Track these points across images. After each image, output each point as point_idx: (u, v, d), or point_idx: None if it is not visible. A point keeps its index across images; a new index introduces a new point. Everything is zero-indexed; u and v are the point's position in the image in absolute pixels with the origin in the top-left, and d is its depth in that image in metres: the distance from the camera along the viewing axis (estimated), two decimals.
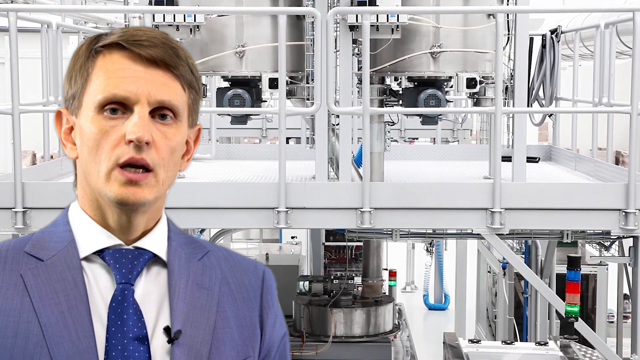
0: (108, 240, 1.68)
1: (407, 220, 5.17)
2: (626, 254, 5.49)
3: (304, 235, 10.51)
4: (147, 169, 1.61)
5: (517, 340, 7.88)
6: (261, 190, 5.08)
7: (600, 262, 9.27)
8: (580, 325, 4.82)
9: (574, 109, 7.01)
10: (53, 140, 6.04)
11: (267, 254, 7.50)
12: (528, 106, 6.13)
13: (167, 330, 1.64)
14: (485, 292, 11.67)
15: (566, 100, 7.18)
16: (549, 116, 7.10)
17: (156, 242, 1.71)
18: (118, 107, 1.63)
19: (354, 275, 7.12)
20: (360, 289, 6.63)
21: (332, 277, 6.57)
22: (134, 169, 1.60)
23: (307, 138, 6.85)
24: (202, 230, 7.01)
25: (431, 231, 6.10)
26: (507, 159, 5.32)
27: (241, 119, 5.88)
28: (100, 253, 1.67)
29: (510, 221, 4.98)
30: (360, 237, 6.14)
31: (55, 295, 1.62)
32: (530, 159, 6.38)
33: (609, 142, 6.24)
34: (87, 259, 1.68)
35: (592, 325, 8.73)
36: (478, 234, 5.13)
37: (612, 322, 9.62)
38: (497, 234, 4.97)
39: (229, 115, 6.24)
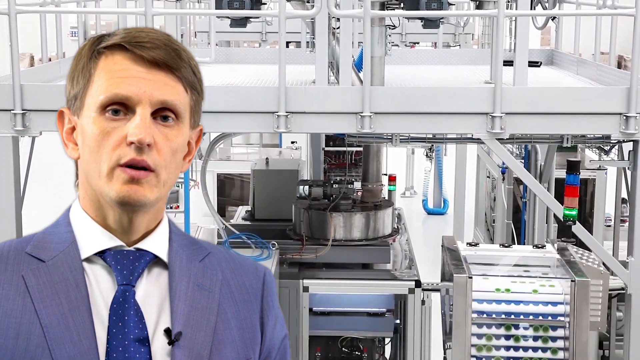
0: (109, 241, 1.68)
1: (407, 125, 5.16)
2: (626, 158, 5.50)
3: (303, 140, 10.51)
4: (148, 170, 1.61)
5: (514, 244, 7.97)
6: (261, 95, 5.05)
7: (600, 166, 9.30)
8: (578, 229, 4.86)
9: (578, 11, 6.92)
10: (51, 42, 5.98)
11: (267, 158, 7.50)
12: (531, 9, 6.04)
13: (167, 332, 1.64)
14: (484, 197, 11.73)
15: (570, 2, 7.08)
16: (552, 19, 7.01)
17: (157, 244, 1.71)
18: (120, 108, 1.62)
19: (353, 180, 7.14)
20: (359, 193, 6.66)
21: (332, 182, 6.59)
22: (135, 168, 1.60)
23: (307, 42, 6.78)
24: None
25: (431, 136, 6.10)
26: (508, 63, 5.28)
27: (240, 22, 5.80)
28: (101, 254, 1.68)
29: (511, 126, 4.97)
30: (360, 142, 6.14)
31: (57, 297, 1.63)
32: (532, 63, 6.33)
33: (611, 45, 6.18)
34: (88, 260, 1.68)
35: (589, 229, 8.80)
36: (478, 139, 5.12)
37: (610, 225, 9.70)
38: (497, 139, 4.97)
39: (228, 17, 6.16)
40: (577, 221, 4.75)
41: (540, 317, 4.05)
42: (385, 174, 7.95)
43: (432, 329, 6.56)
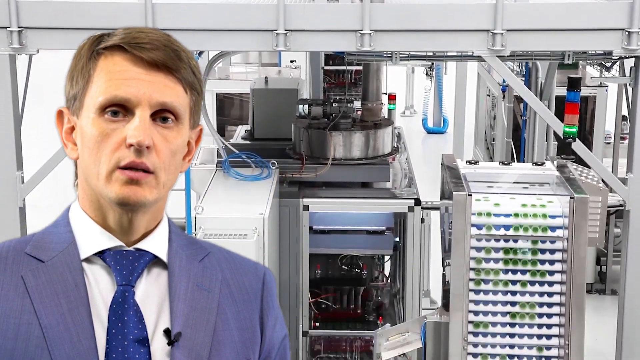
0: (109, 241, 1.67)
1: (408, 43, 5.11)
2: (627, 74, 5.47)
3: (303, 59, 10.43)
4: (147, 172, 1.59)
5: (514, 162, 7.98)
6: (260, 12, 4.99)
7: (600, 83, 9.25)
8: (578, 146, 4.86)
9: None
10: None
11: (266, 77, 7.45)
12: None
13: (167, 332, 1.63)
14: (484, 116, 11.71)
15: None
16: None
17: (157, 244, 1.70)
18: (119, 109, 1.61)
19: (353, 99, 7.11)
20: (359, 112, 6.64)
21: (332, 101, 6.57)
22: (134, 170, 1.59)
23: None
24: (201, 53, 6.94)
25: (431, 54, 6.05)
26: None
27: None
28: (101, 254, 1.66)
29: (512, 42, 4.92)
30: (360, 60, 6.09)
31: (56, 297, 1.62)
32: None
33: None
34: (87, 260, 1.67)
35: (589, 146, 8.82)
36: (479, 56, 5.08)
37: (609, 143, 9.71)
38: (498, 56, 4.93)
39: None
40: (577, 138, 4.75)
41: (539, 233, 4.07)
42: (385, 93, 7.92)
43: (431, 247, 6.63)
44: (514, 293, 4.13)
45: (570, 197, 4.08)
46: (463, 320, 4.12)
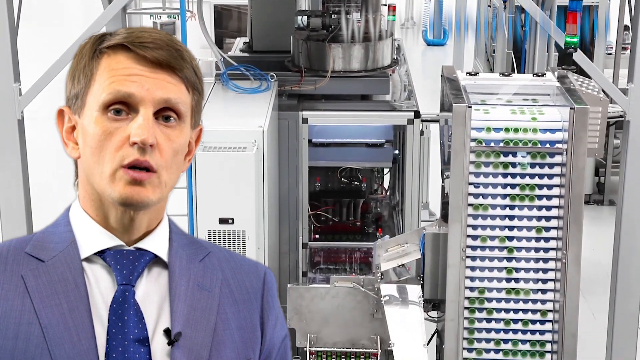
0: (109, 241, 1.66)
1: None
2: None
3: None
4: (150, 170, 1.59)
5: (514, 73, 7.92)
6: None
7: None
8: (579, 56, 4.82)
9: None
10: None
11: None
12: None
13: (167, 332, 1.63)
14: (485, 27, 11.59)
15: None
16: None
17: (157, 243, 1.69)
18: (122, 107, 1.60)
19: (352, 10, 7.01)
20: (358, 24, 6.56)
21: (331, 12, 6.47)
22: (138, 170, 1.58)
23: None
24: None
25: None
26: None
27: None
28: (101, 254, 1.66)
29: None
30: None
31: (56, 297, 1.61)
32: None
33: None
34: (88, 259, 1.66)
35: (590, 57, 8.74)
36: None
37: (610, 53, 9.63)
38: None
39: None
40: (578, 49, 4.70)
41: (539, 145, 4.07)
42: (385, 4, 7.81)
43: (430, 159, 6.63)
44: (512, 207, 4.15)
45: (571, 108, 4.06)
46: (461, 231, 4.15)
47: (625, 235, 5.18)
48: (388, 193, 6.59)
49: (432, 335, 4.61)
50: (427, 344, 4.20)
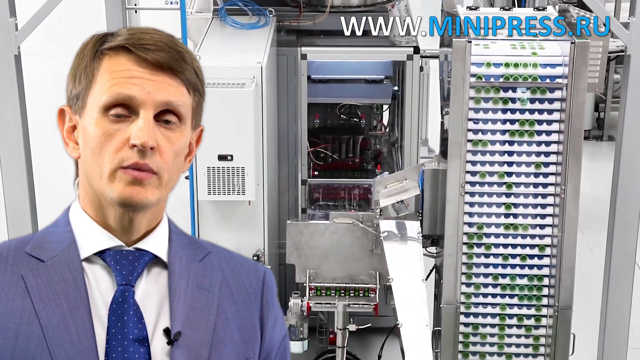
0: (109, 241, 1.66)
1: None
2: None
3: None
4: (151, 172, 1.59)
5: (515, 6, 7.84)
6: None
7: None
8: None
9: None
10: None
11: None
12: None
13: (167, 331, 1.63)
14: None
15: None
16: None
17: (157, 244, 1.69)
18: (123, 110, 1.59)
19: None
20: None
21: None
22: (138, 170, 1.58)
23: None
24: None
25: None
26: None
27: None
28: (101, 254, 1.65)
29: None
30: None
31: (56, 297, 1.61)
32: None
33: None
34: (87, 260, 1.66)
35: None
36: None
37: None
38: None
39: None
40: None
41: (539, 80, 4.05)
42: None
43: (429, 96, 6.60)
44: (511, 143, 4.14)
45: (571, 42, 4.03)
46: (461, 167, 4.15)
47: (624, 171, 5.18)
48: (387, 130, 6.58)
49: (431, 271, 4.65)
50: (426, 279, 4.23)
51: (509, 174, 4.16)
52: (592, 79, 4.19)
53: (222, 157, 4.82)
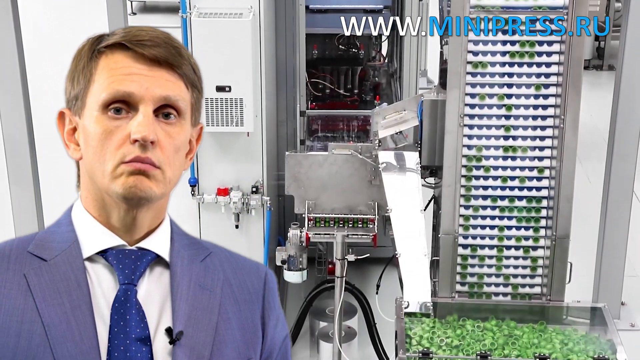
0: (111, 240, 1.66)
1: None
2: None
3: None
4: (153, 166, 1.58)
5: None
6: None
7: None
8: None
9: None
10: None
11: None
12: None
13: (169, 331, 1.62)
14: None
15: None
16: None
17: (159, 243, 1.69)
18: (122, 106, 1.61)
19: None
20: None
21: None
22: (141, 163, 1.57)
23: None
24: None
25: None
26: None
27: None
28: (103, 253, 1.65)
29: None
30: None
31: (59, 296, 1.61)
32: None
33: None
34: (90, 259, 1.66)
35: None
36: None
37: None
38: None
39: None
40: None
41: (539, 9, 4.01)
42: None
43: (428, 26, 6.53)
44: (510, 75, 4.12)
45: None
46: (460, 98, 4.14)
47: (623, 101, 5.17)
48: (386, 60, 6.54)
49: (429, 201, 4.67)
50: (424, 210, 4.25)
51: (509, 96, 4.14)
52: (593, 6, 4.14)
53: (220, 89, 4.80)
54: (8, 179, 5.40)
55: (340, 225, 4.62)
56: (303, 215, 4.65)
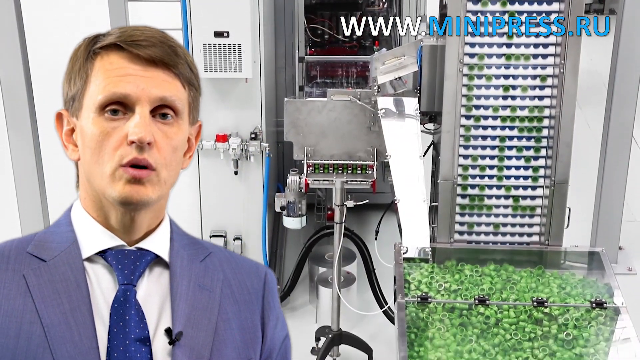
0: (110, 240, 1.66)
1: None
2: None
3: None
4: (149, 168, 1.57)
5: None
6: None
7: None
8: None
9: None
10: None
11: None
12: None
13: (168, 331, 1.62)
14: None
15: None
16: None
17: (158, 243, 1.68)
18: (119, 107, 1.61)
19: None
20: None
21: None
22: (137, 168, 1.56)
23: None
24: None
25: None
26: None
27: None
28: (102, 254, 1.64)
29: None
30: None
31: (58, 296, 1.60)
32: None
33: None
34: (89, 259, 1.65)
35: None
36: None
37: None
38: None
39: None
40: None
41: None
42: None
43: None
44: (511, 20, 4.08)
45: None
46: (459, 42, 4.11)
47: (624, 45, 5.14)
48: (385, 5, 6.49)
49: (428, 147, 4.67)
50: (423, 156, 4.25)
51: (508, 45, 4.12)
52: None
53: (218, 34, 4.77)
54: (6, 124, 5.39)
55: (339, 172, 4.62)
56: (302, 161, 4.65)
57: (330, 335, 4.82)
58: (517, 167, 4.29)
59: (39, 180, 5.60)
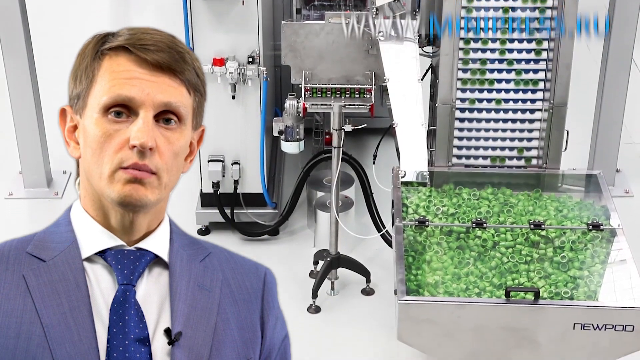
0: (110, 241, 1.67)
1: None
2: None
3: None
4: (150, 173, 1.55)
5: None
6: None
7: None
8: None
9: None
10: None
11: None
12: None
13: (167, 331, 1.61)
14: None
15: None
16: None
17: (158, 243, 1.68)
18: (123, 110, 1.61)
19: None
20: None
21: None
22: (138, 170, 1.54)
23: None
24: None
25: None
26: None
27: None
28: (102, 254, 1.63)
29: None
30: None
31: (57, 296, 1.62)
32: None
33: None
34: (89, 259, 1.65)
35: None
36: None
37: None
38: None
39: None
40: None
41: None
42: None
43: None
44: None
45: None
46: None
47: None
48: None
49: (427, 70, 4.64)
50: (422, 79, 4.23)
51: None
52: None
53: None
54: (1, 49, 5.36)
55: (337, 96, 4.60)
56: (300, 85, 4.62)
57: (328, 259, 4.86)
58: (516, 91, 4.27)
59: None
